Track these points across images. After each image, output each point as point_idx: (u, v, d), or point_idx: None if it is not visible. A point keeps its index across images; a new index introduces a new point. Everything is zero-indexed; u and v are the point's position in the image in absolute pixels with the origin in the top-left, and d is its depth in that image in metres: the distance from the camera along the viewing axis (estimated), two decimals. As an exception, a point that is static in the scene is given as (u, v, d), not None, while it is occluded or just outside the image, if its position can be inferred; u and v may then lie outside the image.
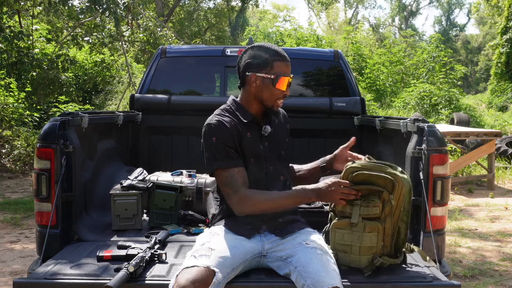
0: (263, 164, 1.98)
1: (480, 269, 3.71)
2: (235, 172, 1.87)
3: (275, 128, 2.05)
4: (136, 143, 3.53)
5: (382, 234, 1.84)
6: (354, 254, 1.85)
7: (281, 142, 2.07)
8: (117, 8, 8.01)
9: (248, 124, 1.97)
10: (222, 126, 1.90)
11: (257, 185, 1.94)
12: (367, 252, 1.84)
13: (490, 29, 36.99)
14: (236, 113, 1.99)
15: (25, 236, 4.60)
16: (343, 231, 1.86)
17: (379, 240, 1.84)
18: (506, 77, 18.37)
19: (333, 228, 1.89)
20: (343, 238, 1.86)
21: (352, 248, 1.85)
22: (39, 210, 2.23)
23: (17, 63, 8.73)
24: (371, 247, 1.84)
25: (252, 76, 1.94)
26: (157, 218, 2.55)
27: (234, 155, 1.90)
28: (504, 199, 6.33)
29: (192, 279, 1.60)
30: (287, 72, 1.96)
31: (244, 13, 28.72)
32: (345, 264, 1.87)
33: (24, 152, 8.40)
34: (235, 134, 1.92)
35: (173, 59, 3.75)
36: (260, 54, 1.94)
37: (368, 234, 1.83)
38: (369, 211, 1.82)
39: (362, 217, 1.83)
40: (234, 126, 1.93)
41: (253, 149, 1.96)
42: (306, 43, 16.06)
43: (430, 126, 2.20)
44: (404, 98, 13.90)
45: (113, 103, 13.21)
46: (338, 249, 1.88)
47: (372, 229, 1.83)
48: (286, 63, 1.97)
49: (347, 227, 1.85)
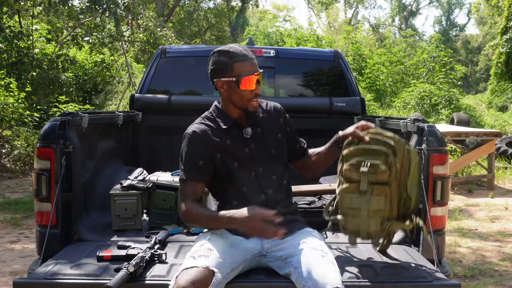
0: (250, 166, 1.97)
1: (480, 269, 3.71)
2: (188, 185, 1.93)
3: (263, 127, 2.02)
4: (136, 143, 3.53)
5: (389, 198, 1.88)
6: (362, 218, 1.88)
7: (272, 140, 2.02)
8: (117, 8, 8.01)
9: (228, 129, 1.97)
10: (195, 138, 1.94)
11: (248, 187, 1.95)
12: (375, 215, 1.87)
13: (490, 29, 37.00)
14: (217, 119, 1.99)
15: (25, 236, 4.60)
16: (351, 195, 1.89)
17: (387, 203, 1.88)
18: (506, 77, 18.37)
19: (341, 192, 1.91)
20: (351, 202, 1.89)
21: (360, 212, 1.88)
22: (39, 210, 2.23)
23: (17, 63, 8.73)
24: (379, 210, 1.87)
25: (218, 83, 1.95)
26: (157, 218, 2.54)
27: (199, 168, 1.93)
28: (504, 199, 6.33)
29: (191, 280, 1.60)
30: (251, 70, 1.91)
31: (244, 13, 28.73)
32: (354, 229, 1.90)
33: (24, 152, 8.40)
34: (208, 144, 1.94)
35: (173, 59, 3.75)
36: (219, 59, 1.94)
37: (375, 197, 1.86)
38: (377, 178, 1.85)
39: (370, 182, 1.85)
40: (210, 135, 1.95)
41: (236, 153, 1.96)
42: (306, 43, 16.06)
43: (430, 126, 2.20)
44: (404, 98, 13.90)
45: (113, 103, 13.21)
46: (347, 213, 1.91)
47: (380, 193, 1.86)
48: (248, 61, 1.92)
49: (355, 191, 1.88)
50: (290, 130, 2.10)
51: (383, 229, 1.89)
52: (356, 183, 1.88)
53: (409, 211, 1.95)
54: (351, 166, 1.87)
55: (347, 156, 1.90)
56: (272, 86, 3.84)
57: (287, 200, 2.04)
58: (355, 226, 1.90)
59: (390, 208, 1.89)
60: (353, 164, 1.87)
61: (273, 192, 1.97)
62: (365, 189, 1.85)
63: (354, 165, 1.87)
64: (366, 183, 1.85)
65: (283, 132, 2.07)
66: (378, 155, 1.86)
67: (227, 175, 1.97)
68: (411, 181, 1.92)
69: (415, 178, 1.93)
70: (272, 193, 1.97)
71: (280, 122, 2.08)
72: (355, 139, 1.91)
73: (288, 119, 2.12)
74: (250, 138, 1.99)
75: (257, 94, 1.93)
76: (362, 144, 1.89)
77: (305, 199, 2.64)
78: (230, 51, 1.93)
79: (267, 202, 1.95)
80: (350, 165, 1.87)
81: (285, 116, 2.11)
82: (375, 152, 1.86)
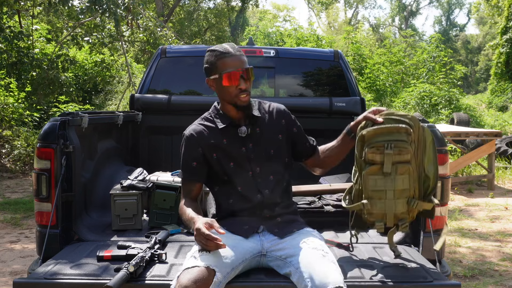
0: (247, 165, 1.98)
1: (480, 269, 3.71)
2: (184, 185, 2.04)
3: (263, 127, 2.03)
4: (136, 143, 3.53)
5: (412, 177, 1.86)
6: (389, 199, 1.85)
7: (271, 140, 2.03)
8: (117, 8, 8.01)
9: (225, 129, 1.99)
10: (190, 139, 2.00)
11: (244, 187, 1.96)
12: (402, 195, 1.85)
13: (490, 29, 36.99)
14: (214, 119, 2.03)
15: (25, 236, 4.60)
16: (375, 177, 1.86)
17: (411, 182, 1.86)
18: (506, 77, 18.38)
19: (365, 175, 1.87)
20: (376, 184, 1.86)
21: (386, 193, 1.85)
22: (39, 210, 2.23)
23: (17, 63, 8.73)
24: (404, 189, 1.85)
25: (208, 82, 2.01)
26: (157, 218, 2.54)
27: (192, 169, 2.00)
28: (504, 199, 6.33)
29: (193, 279, 1.61)
30: (233, 66, 1.92)
31: (244, 13, 28.72)
32: (380, 213, 1.86)
33: (24, 152, 8.40)
34: (204, 145, 1.98)
35: (173, 59, 3.75)
36: (207, 58, 2.00)
37: (400, 176, 1.84)
38: (401, 157, 1.83)
39: (393, 162, 1.83)
40: (205, 136, 1.99)
41: (232, 153, 1.97)
42: (306, 43, 16.06)
43: (430, 126, 2.20)
44: (404, 98, 13.90)
45: (113, 103, 13.22)
46: (373, 197, 1.87)
47: (404, 171, 1.84)
48: (230, 58, 1.93)
49: (379, 173, 1.85)
50: (297, 130, 2.11)
51: (409, 210, 1.86)
52: (378, 165, 1.84)
53: (429, 190, 1.91)
54: (373, 149, 1.83)
55: (367, 139, 1.85)
56: (272, 86, 3.84)
57: (286, 201, 2.04)
58: (382, 209, 1.86)
59: (414, 186, 1.87)
60: (375, 146, 1.83)
61: (270, 192, 1.97)
62: (389, 171, 1.82)
63: (376, 147, 1.82)
64: (390, 164, 1.82)
65: (284, 133, 2.07)
66: (398, 133, 1.83)
67: (224, 174, 1.99)
68: (427, 159, 1.90)
69: (431, 157, 1.90)
70: (268, 193, 1.97)
71: (282, 123, 2.08)
72: (369, 122, 1.89)
73: (293, 120, 2.12)
74: (247, 138, 1.99)
75: (243, 89, 1.93)
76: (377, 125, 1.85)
77: (305, 199, 2.64)
78: (215, 50, 1.97)
79: (264, 202, 1.96)
80: (372, 148, 1.83)
81: (288, 117, 2.11)
82: (395, 130, 1.83)
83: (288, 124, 2.09)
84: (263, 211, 1.96)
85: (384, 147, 1.81)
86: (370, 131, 1.84)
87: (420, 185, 1.90)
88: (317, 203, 2.57)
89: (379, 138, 1.83)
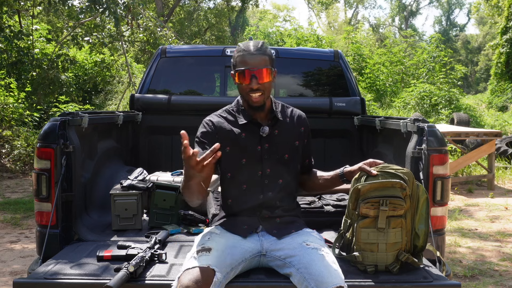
0: (258, 165, 1.97)
1: (480, 269, 3.71)
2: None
3: (282, 130, 2.03)
4: (136, 143, 3.53)
5: (405, 229, 1.87)
6: (381, 252, 1.86)
7: (287, 145, 2.02)
8: (117, 8, 8.00)
9: (245, 125, 1.99)
10: (210, 125, 1.99)
11: (249, 185, 1.96)
12: (393, 248, 1.86)
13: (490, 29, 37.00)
14: (236, 114, 2.02)
15: (25, 236, 4.60)
16: (368, 230, 1.86)
17: (403, 235, 1.86)
18: (506, 77, 18.38)
19: (358, 228, 1.87)
20: (368, 237, 1.86)
21: (378, 246, 1.86)
22: (39, 210, 2.23)
23: (17, 63, 8.74)
24: (396, 242, 1.86)
25: (232, 76, 2.00)
26: (157, 218, 2.55)
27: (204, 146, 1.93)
28: (504, 199, 6.33)
29: (194, 279, 1.62)
30: (244, 64, 1.92)
31: (244, 13, 28.73)
32: (371, 263, 1.87)
33: (24, 152, 8.40)
34: (221, 133, 1.96)
35: (173, 59, 3.75)
36: (233, 55, 2.00)
37: (392, 230, 1.84)
38: (396, 213, 1.83)
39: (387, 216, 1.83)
40: (225, 126, 1.98)
41: (248, 149, 1.96)
42: (306, 43, 16.06)
43: (430, 126, 2.20)
44: (404, 98, 13.91)
45: (113, 103, 13.22)
46: (365, 249, 1.87)
47: (396, 225, 1.84)
48: (243, 56, 1.93)
49: (372, 226, 1.85)
50: (307, 143, 2.12)
51: (399, 260, 1.87)
52: (371, 218, 1.85)
53: (417, 249, 1.93)
54: (368, 204, 1.83)
55: (362, 193, 1.85)
56: (272, 86, 3.83)
57: (287, 204, 2.02)
58: (373, 261, 1.87)
59: (406, 239, 1.88)
60: (370, 202, 1.83)
61: (272, 195, 1.97)
62: (383, 227, 1.83)
63: (371, 203, 1.83)
64: (384, 220, 1.83)
65: (301, 141, 2.08)
66: (393, 188, 1.83)
67: (228, 171, 1.98)
68: (419, 217, 1.91)
69: (423, 216, 1.91)
70: (271, 196, 1.96)
71: (301, 131, 2.09)
72: (364, 173, 1.88)
73: (309, 131, 2.13)
74: (265, 138, 1.99)
75: (253, 89, 1.92)
76: (370, 178, 1.85)
77: (305, 199, 2.64)
78: (238, 46, 1.99)
79: (264, 203, 1.95)
80: (367, 203, 1.83)
81: (307, 127, 2.12)
82: (390, 185, 1.83)
83: (305, 133, 2.10)
84: (262, 211, 1.96)
85: (379, 203, 1.82)
86: (365, 186, 1.85)
87: (410, 241, 1.91)
88: (317, 203, 2.57)
89: (374, 193, 1.84)
